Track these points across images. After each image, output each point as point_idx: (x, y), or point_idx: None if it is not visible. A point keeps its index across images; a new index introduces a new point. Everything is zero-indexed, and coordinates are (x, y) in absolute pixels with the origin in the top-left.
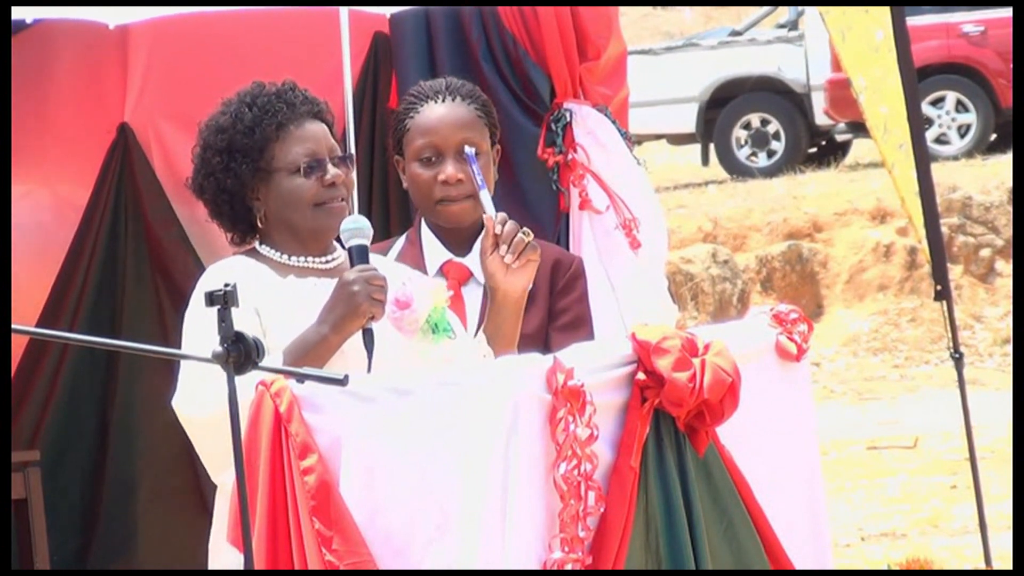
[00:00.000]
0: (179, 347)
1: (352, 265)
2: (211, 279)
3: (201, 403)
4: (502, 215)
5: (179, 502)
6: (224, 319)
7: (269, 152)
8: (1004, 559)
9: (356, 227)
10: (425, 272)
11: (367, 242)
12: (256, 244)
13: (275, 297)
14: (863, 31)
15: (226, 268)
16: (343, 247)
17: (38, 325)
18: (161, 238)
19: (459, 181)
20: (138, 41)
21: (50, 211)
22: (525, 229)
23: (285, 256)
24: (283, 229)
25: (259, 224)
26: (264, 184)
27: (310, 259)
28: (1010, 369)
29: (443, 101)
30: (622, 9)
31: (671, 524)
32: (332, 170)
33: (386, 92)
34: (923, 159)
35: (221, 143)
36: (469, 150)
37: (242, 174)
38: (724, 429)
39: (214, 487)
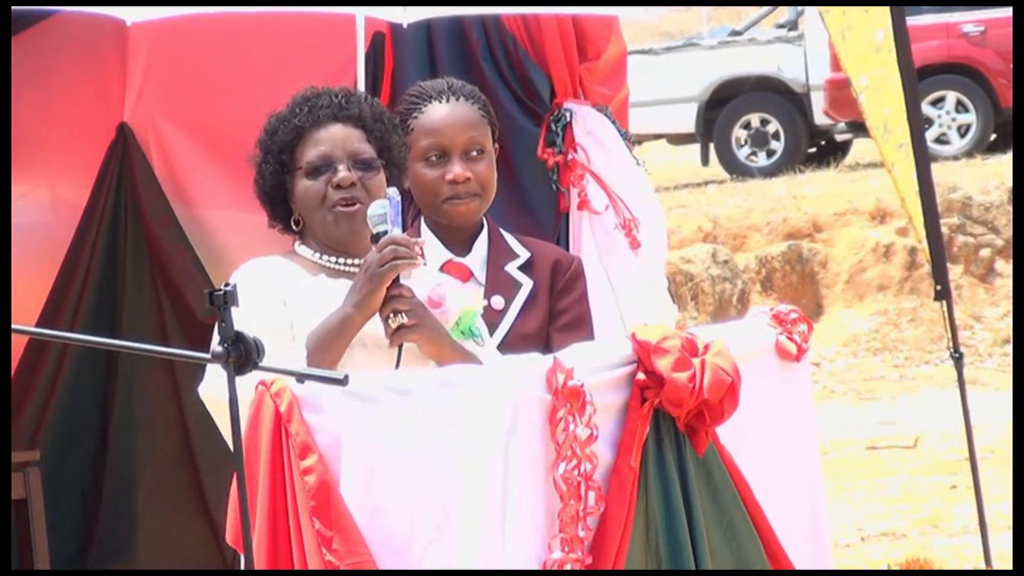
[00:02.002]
0: (201, 340)
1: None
2: (243, 274)
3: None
4: (388, 291)
5: (179, 502)
6: (224, 319)
7: (292, 153)
8: (1004, 559)
9: (383, 212)
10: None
11: (390, 228)
12: (295, 245)
13: (303, 292)
14: (863, 31)
15: (257, 265)
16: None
17: (38, 325)
18: (160, 238)
19: (467, 180)
20: (138, 41)
21: (49, 211)
22: (398, 315)
23: (319, 256)
24: (311, 231)
25: (294, 226)
26: (291, 186)
27: (342, 260)
28: (1010, 369)
29: (447, 101)
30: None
31: (671, 524)
32: (342, 172)
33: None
34: (923, 159)
35: (259, 144)
36: (392, 192)
37: (269, 175)
38: (724, 429)
39: (214, 487)
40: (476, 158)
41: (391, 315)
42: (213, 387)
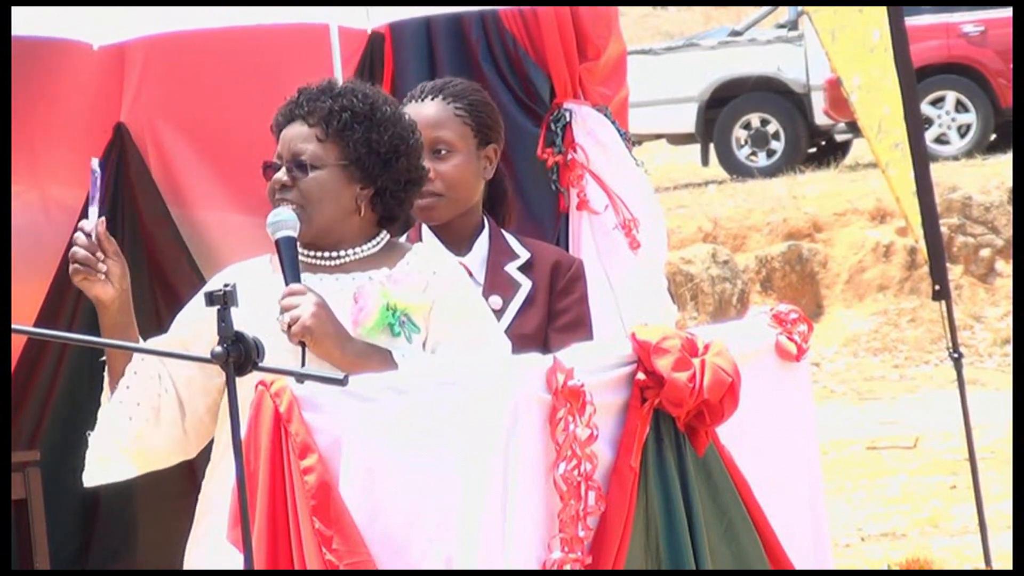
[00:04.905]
0: None
1: (280, 257)
2: (214, 279)
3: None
4: (283, 292)
5: (178, 502)
6: (224, 319)
7: None
8: (1004, 559)
9: (279, 220)
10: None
11: (294, 233)
12: None
13: (260, 292)
14: (857, 31)
15: (224, 273)
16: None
17: (36, 325)
18: (156, 238)
19: (429, 180)
20: (135, 41)
21: (41, 212)
22: (283, 315)
23: (301, 251)
24: None
25: None
26: None
27: (318, 253)
28: (1010, 369)
29: (422, 100)
30: (622, 9)
31: (671, 524)
32: (277, 174)
33: None
34: (921, 159)
35: None
36: (94, 164)
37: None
38: (724, 429)
39: None
40: (442, 157)
41: (278, 316)
42: (92, 476)
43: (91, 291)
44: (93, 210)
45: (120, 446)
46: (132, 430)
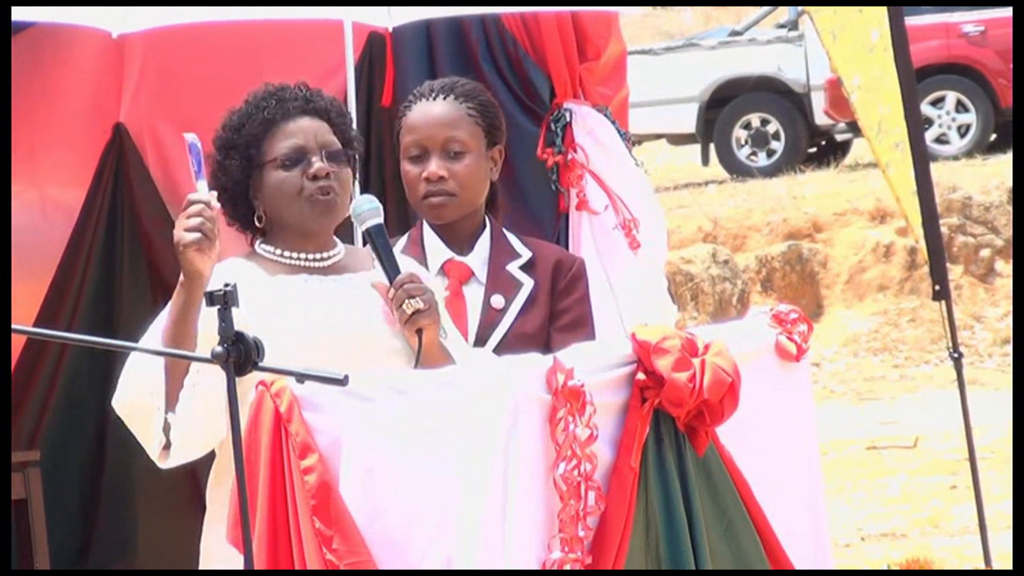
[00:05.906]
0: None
1: (374, 245)
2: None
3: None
4: (400, 277)
5: (178, 502)
6: (224, 319)
7: (261, 147)
8: (1004, 559)
9: (370, 208)
10: (427, 270)
11: (381, 220)
12: (256, 244)
13: (259, 296)
14: (857, 31)
15: (215, 271)
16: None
17: (36, 325)
18: (155, 238)
19: (440, 179)
20: (134, 41)
21: (39, 212)
22: (414, 299)
23: (281, 253)
24: (280, 226)
25: (257, 223)
26: (258, 180)
27: (303, 255)
28: (1010, 369)
29: (434, 99)
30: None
31: (671, 524)
32: (317, 163)
33: (380, 91)
34: (922, 158)
35: (219, 142)
36: (189, 137)
37: (234, 170)
38: (724, 429)
39: None
40: (456, 157)
41: (406, 300)
42: (122, 401)
43: (198, 263)
44: (202, 183)
45: (205, 435)
46: (212, 418)
